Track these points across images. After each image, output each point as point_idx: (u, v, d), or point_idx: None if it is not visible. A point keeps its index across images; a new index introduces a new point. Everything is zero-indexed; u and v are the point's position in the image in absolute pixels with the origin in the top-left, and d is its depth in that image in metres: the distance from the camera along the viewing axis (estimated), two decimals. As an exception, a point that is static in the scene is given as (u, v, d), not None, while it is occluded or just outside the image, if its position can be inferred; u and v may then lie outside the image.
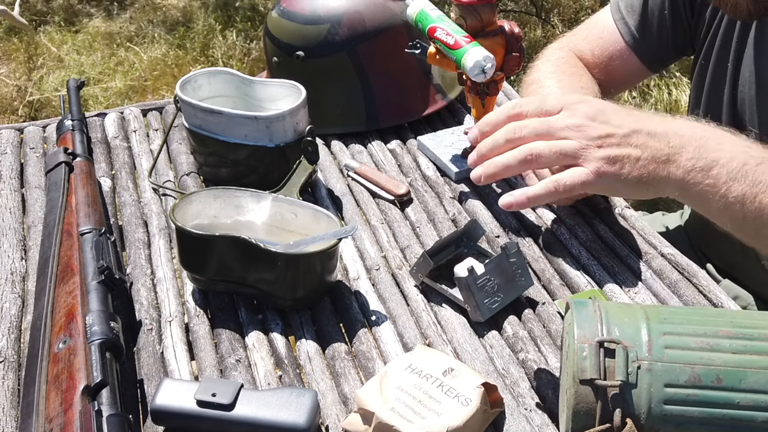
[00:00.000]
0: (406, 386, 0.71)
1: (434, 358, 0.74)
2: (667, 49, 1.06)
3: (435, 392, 0.70)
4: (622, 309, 0.63)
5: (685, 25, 1.02)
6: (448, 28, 0.98)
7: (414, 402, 0.69)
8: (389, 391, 0.70)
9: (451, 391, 0.69)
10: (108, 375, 0.68)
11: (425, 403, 0.69)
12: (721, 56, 0.97)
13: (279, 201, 0.90)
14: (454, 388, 0.70)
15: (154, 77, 3.02)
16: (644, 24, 1.04)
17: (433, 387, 0.70)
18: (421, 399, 0.69)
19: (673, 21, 1.02)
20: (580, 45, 1.10)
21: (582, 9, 3.35)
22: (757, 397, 0.57)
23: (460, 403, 0.68)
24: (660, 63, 1.10)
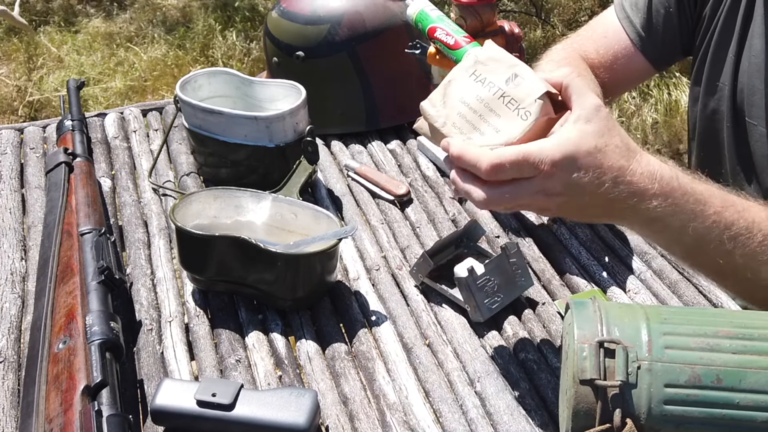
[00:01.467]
0: (468, 98, 0.69)
1: (500, 60, 0.70)
2: (673, 47, 1.06)
3: (496, 104, 0.68)
4: (622, 309, 0.63)
5: (690, 22, 1.02)
6: (448, 29, 0.98)
7: (475, 116, 0.68)
8: (452, 103, 0.70)
9: (512, 103, 0.67)
10: (108, 375, 0.68)
11: (486, 117, 0.68)
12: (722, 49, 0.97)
13: (279, 201, 0.90)
14: (515, 100, 0.67)
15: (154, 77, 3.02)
16: (649, 22, 1.04)
17: (494, 99, 0.68)
18: (482, 113, 0.68)
19: (679, 18, 1.02)
20: (585, 45, 1.10)
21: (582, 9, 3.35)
22: (757, 397, 0.57)
23: (519, 117, 0.67)
24: (665, 61, 1.10)
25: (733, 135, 0.98)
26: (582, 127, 0.65)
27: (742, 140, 0.97)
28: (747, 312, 0.70)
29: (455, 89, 0.70)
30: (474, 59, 0.70)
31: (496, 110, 0.68)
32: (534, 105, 0.66)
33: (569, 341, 0.63)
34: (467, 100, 0.69)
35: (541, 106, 0.66)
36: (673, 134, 2.69)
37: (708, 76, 1.00)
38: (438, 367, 0.80)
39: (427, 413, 0.75)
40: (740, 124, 0.96)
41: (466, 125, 0.69)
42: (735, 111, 0.97)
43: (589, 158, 0.64)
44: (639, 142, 2.68)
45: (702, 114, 1.03)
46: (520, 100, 0.67)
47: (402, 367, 0.80)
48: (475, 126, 0.68)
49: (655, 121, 2.74)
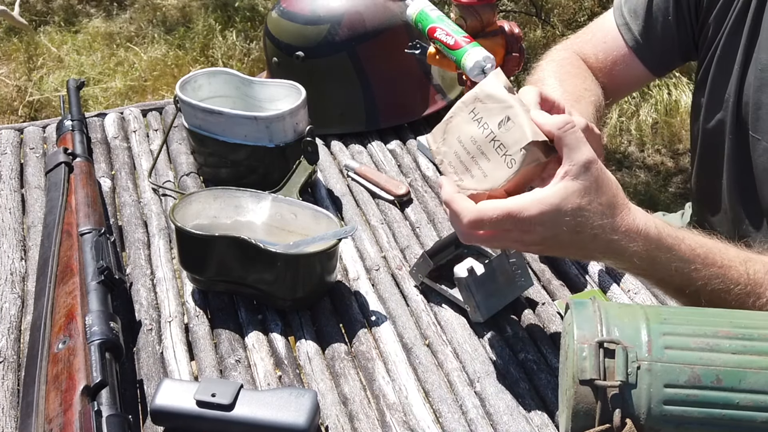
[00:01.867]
0: (464, 138, 0.72)
1: (497, 100, 0.70)
2: (672, 54, 1.06)
3: (487, 147, 0.70)
4: (622, 309, 0.63)
5: (689, 30, 1.02)
6: (448, 29, 0.98)
7: (468, 158, 0.71)
8: (450, 141, 0.73)
9: (501, 149, 0.69)
10: (108, 375, 0.68)
11: (477, 160, 0.71)
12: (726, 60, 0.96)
13: (279, 201, 0.90)
14: (504, 146, 0.69)
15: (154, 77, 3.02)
16: (648, 29, 1.04)
17: (486, 141, 0.70)
18: (474, 155, 0.71)
19: (677, 27, 1.02)
20: (584, 48, 1.10)
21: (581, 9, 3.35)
22: (756, 397, 0.57)
23: (506, 164, 0.69)
24: (664, 67, 1.10)
25: (735, 148, 0.98)
26: (566, 185, 0.66)
27: (743, 154, 0.97)
28: (747, 312, 0.70)
29: (454, 126, 0.73)
30: (474, 95, 0.72)
31: (486, 154, 0.70)
32: (519, 154, 0.67)
33: (569, 341, 0.63)
34: (463, 139, 0.72)
35: (524, 156, 0.67)
36: (673, 134, 2.69)
37: (712, 87, 1.00)
38: (438, 367, 0.80)
39: (426, 413, 0.75)
40: (743, 138, 0.96)
41: (460, 166, 0.72)
42: (738, 124, 0.96)
43: (568, 218, 0.66)
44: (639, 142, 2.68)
45: (705, 124, 1.03)
46: (508, 147, 0.68)
47: (402, 367, 0.80)
48: (467, 168, 0.71)
49: (655, 121, 2.74)
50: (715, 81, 0.99)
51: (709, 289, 0.71)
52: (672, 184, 2.50)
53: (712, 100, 1.00)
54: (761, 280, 0.72)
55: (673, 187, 2.48)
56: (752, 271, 0.72)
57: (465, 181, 0.71)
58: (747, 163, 0.96)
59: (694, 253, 0.71)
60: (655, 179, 2.51)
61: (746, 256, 0.74)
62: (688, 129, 2.68)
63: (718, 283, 0.71)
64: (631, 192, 2.40)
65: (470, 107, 0.72)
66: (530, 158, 0.67)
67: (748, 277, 0.72)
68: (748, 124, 0.94)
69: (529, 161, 0.67)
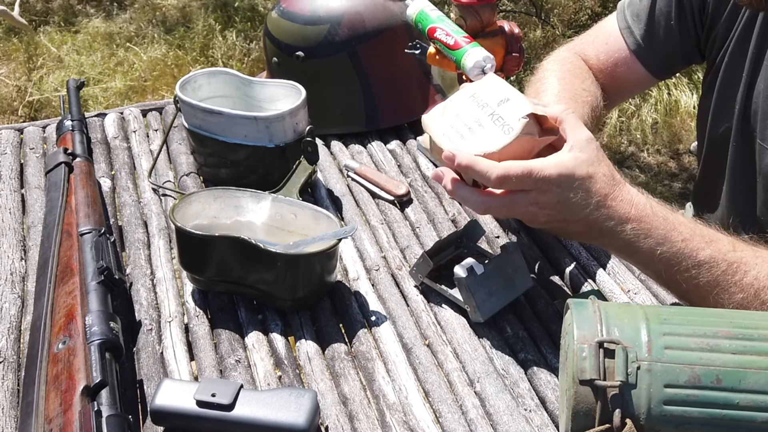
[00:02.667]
0: (462, 114, 0.75)
1: (499, 87, 0.76)
2: (674, 58, 1.06)
3: (485, 120, 0.73)
4: (622, 309, 0.63)
5: (693, 36, 1.02)
6: (448, 29, 0.98)
7: (464, 129, 0.74)
8: (448, 117, 0.76)
9: (499, 120, 0.72)
10: (107, 375, 0.68)
11: (473, 129, 0.73)
12: (734, 67, 0.97)
13: (279, 201, 0.90)
14: (502, 117, 0.72)
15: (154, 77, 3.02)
16: (650, 33, 1.04)
17: (484, 115, 0.73)
18: (471, 126, 0.74)
19: (680, 31, 1.02)
20: (587, 49, 1.11)
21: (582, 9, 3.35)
22: (756, 397, 0.57)
23: (503, 131, 0.72)
24: (666, 71, 1.11)
25: (739, 154, 0.98)
26: (576, 155, 0.73)
27: (748, 161, 0.97)
28: (747, 312, 0.70)
29: (454, 105, 0.76)
30: (476, 86, 0.76)
31: (484, 125, 0.73)
32: (517, 122, 0.72)
33: (569, 341, 0.63)
34: (462, 115, 0.75)
35: (524, 124, 0.71)
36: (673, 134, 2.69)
37: (719, 94, 1.00)
38: (438, 367, 0.80)
39: (426, 413, 0.75)
40: (748, 145, 0.96)
41: (455, 135, 0.75)
42: (745, 131, 0.96)
43: (580, 182, 0.72)
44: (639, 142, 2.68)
45: (711, 129, 1.03)
46: (506, 118, 0.72)
47: (402, 367, 0.80)
48: (462, 136, 0.74)
49: (655, 121, 2.74)
50: (723, 87, 0.99)
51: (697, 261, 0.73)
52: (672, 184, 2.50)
53: (719, 106, 1.00)
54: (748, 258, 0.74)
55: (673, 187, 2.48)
56: (740, 249, 0.75)
57: (459, 146, 0.74)
58: (750, 170, 0.97)
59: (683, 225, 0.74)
60: (654, 179, 2.51)
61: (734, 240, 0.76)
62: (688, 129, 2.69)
63: (705, 257, 0.73)
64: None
65: (471, 91, 0.76)
66: (527, 128, 0.71)
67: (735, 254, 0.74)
68: (756, 132, 0.94)
69: (526, 131, 0.71)
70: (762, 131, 0.94)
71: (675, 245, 0.73)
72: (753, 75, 0.94)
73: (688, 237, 0.73)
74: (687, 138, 2.68)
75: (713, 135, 1.03)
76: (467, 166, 0.73)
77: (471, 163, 0.72)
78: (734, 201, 1.02)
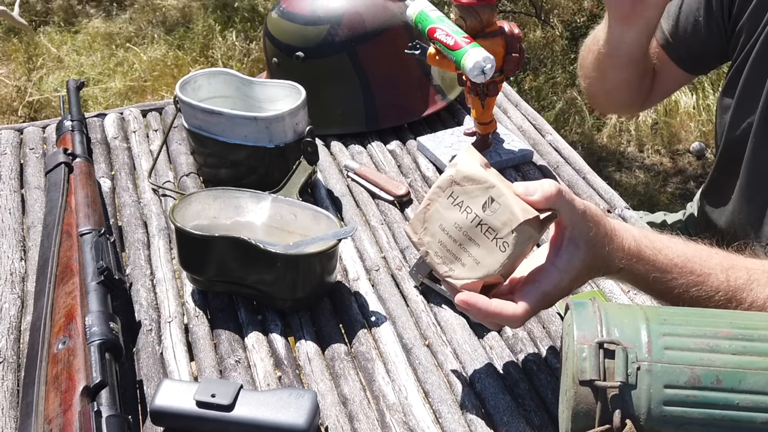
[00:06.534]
0: (447, 226, 0.69)
1: (475, 180, 0.68)
2: (704, 54, 1.07)
3: (474, 232, 0.68)
4: (622, 310, 0.63)
5: (722, 31, 1.02)
6: (448, 29, 0.98)
7: (455, 246, 0.68)
8: (432, 230, 0.70)
9: (490, 233, 0.67)
10: (107, 376, 0.68)
11: (466, 247, 0.68)
12: (760, 63, 0.96)
13: (279, 202, 0.90)
14: (493, 229, 0.67)
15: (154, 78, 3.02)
16: (678, 28, 1.05)
17: (472, 227, 0.68)
18: (461, 242, 0.68)
19: (708, 27, 1.02)
20: None
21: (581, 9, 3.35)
22: (756, 398, 0.57)
23: (498, 248, 0.67)
24: (700, 67, 1.11)
25: (758, 151, 0.98)
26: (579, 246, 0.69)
27: (766, 158, 0.97)
28: (747, 313, 0.70)
29: (434, 214, 0.70)
30: (450, 178, 0.69)
31: (475, 239, 0.68)
32: (511, 237, 0.66)
33: (569, 342, 0.63)
34: (446, 227, 0.69)
35: (517, 238, 0.66)
36: (673, 134, 2.69)
37: (743, 90, 1.00)
38: (437, 367, 0.80)
39: (426, 414, 0.75)
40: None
41: (448, 255, 0.69)
42: (766, 129, 0.96)
43: (590, 264, 0.70)
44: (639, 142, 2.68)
45: (731, 125, 1.03)
46: (498, 230, 0.67)
47: (401, 367, 0.80)
48: (456, 257, 0.69)
49: (655, 121, 2.74)
50: (747, 84, 0.99)
51: (688, 297, 0.72)
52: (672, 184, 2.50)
53: (742, 103, 1.00)
54: (743, 286, 0.73)
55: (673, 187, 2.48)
56: (733, 278, 0.73)
57: (456, 271, 0.69)
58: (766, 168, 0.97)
59: (672, 263, 0.72)
60: (654, 179, 2.51)
61: (730, 264, 0.74)
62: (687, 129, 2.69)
63: (696, 291, 0.72)
64: (630, 192, 2.40)
65: (447, 192, 0.69)
66: (522, 238, 0.66)
67: (728, 285, 0.73)
68: None
69: (522, 241, 0.66)
70: None
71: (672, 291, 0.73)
72: None
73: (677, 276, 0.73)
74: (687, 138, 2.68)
75: (732, 131, 1.03)
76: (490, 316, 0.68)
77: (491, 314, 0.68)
78: (747, 197, 1.02)
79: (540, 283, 0.69)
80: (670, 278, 0.72)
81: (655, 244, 0.73)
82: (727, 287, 0.73)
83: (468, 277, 0.68)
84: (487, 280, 0.68)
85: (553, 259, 0.69)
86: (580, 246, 0.68)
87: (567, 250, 0.69)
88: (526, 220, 0.66)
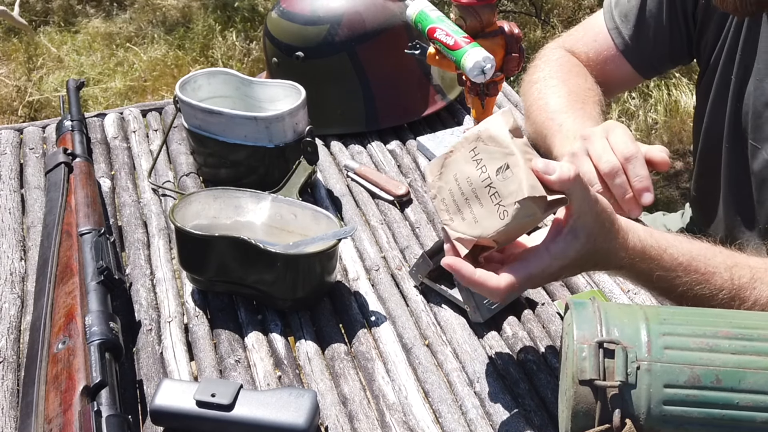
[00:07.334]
0: (460, 177, 0.69)
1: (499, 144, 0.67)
2: (663, 59, 1.08)
3: (482, 192, 0.67)
4: (622, 309, 0.63)
5: (684, 37, 1.03)
6: (448, 29, 0.98)
7: (461, 199, 0.69)
8: (447, 177, 0.70)
9: (495, 197, 0.66)
10: (107, 375, 0.68)
11: (470, 202, 0.68)
12: (725, 69, 0.97)
13: (278, 201, 0.90)
14: (499, 194, 0.66)
15: (154, 78, 3.02)
16: (639, 34, 1.05)
17: (482, 186, 0.67)
18: (468, 197, 0.68)
19: (671, 33, 1.03)
20: (576, 46, 1.11)
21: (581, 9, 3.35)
22: (756, 397, 0.57)
23: (498, 214, 0.66)
24: (654, 71, 1.12)
25: (733, 155, 0.99)
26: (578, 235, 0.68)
27: (741, 161, 0.97)
28: (746, 312, 0.70)
29: (453, 162, 0.70)
30: (477, 133, 0.68)
31: (480, 198, 0.68)
32: (512, 207, 0.65)
33: (569, 342, 0.63)
34: (460, 179, 0.69)
35: (517, 211, 0.65)
36: (673, 134, 2.69)
37: (714, 95, 1.00)
38: (437, 367, 0.80)
39: (426, 413, 0.75)
40: (741, 146, 0.96)
41: (453, 205, 0.69)
42: (737, 132, 0.97)
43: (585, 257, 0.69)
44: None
45: (706, 130, 1.03)
46: (503, 197, 0.66)
47: (401, 367, 0.80)
48: (459, 209, 0.69)
49: (655, 121, 2.74)
50: (717, 88, 0.99)
51: (692, 295, 0.72)
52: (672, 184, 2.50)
53: (714, 107, 1.01)
54: (746, 284, 0.73)
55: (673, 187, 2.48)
56: (737, 276, 0.73)
57: (455, 222, 0.69)
58: (745, 171, 0.97)
59: (676, 261, 0.72)
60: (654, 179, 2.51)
61: (733, 262, 0.74)
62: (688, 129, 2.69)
63: (700, 289, 0.72)
64: (630, 192, 2.40)
65: (471, 145, 0.69)
66: (524, 213, 0.65)
67: (732, 284, 0.73)
68: (748, 132, 0.94)
69: (523, 216, 0.66)
70: (753, 131, 0.94)
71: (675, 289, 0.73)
72: (744, 76, 0.94)
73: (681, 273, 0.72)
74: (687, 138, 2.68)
75: (708, 136, 1.03)
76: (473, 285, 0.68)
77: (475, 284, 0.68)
78: (731, 202, 1.02)
79: (528, 264, 0.68)
80: (674, 276, 0.72)
81: (660, 243, 0.72)
82: (731, 286, 0.73)
83: (463, 233, 0.68)
84: (480, 241, 0.68)
85: (548, 244, 0.68)
86: (580, 237, 0.67)
87: (565, 239, 0.68)
88: (531, 197, 0.65)
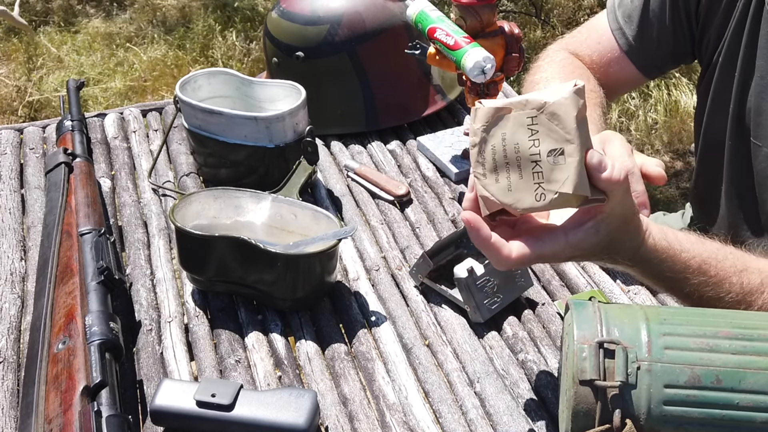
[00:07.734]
0: (509, 139, 0.63)
1: (564, 125, 0.62)
2: (665, 59, 1.07)
3: (526, 164, 0.63)
4: (622, 310, 0.63)
5: (687, 37, 1.03)
6: (448, 29, 0.98)
7: (502, 161, 0.64)
8: (494, 132, 0.64)
9: (538, 176, 0.63)
10: (107, 375, 0.68)
11: (510, 168, 0.63)
12: (727, 68, 0.97)
13: (279, 201, 0.90)
14: (543, 175, 0.62)
15: (154, 78, 3.02)
16: (643, 35, 1.05)
17: (528, 158, 0.63)
18: (510, 162, 0.63)
19: (674, 33, 1.03)
20: (579, 48, 1.11)
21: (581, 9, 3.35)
22: (756, 397, 0.57)
23: (534, 194, 0.62)
24: (657, 70, 1.12)
25: (735, 153, 0.98)
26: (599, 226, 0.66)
27: (743, 160, 0.97)
28: (747, 313, 0.70)
29: (505, 122, 0.64)
30: (543, 103, 0.63)
31: (522, 170, 0.63)
32: (551, 194, 0.62)
33: (569, 342, 0.63)
34: (507, 141, 0.64)
35: (555, 200, 0.63)
36: (673, 134, 2.69)
37: (715, 94, 1.00)
38: (437, 367, 0.80)
39: (426, 413, 0.75)
40: (743, 144, 0.96)
41: (491, 163, 0.64)
42: (739, 130, 0.97)
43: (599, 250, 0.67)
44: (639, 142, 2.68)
45: (707, 129, 1.03)
46: (546, 180, 0.63)
47: (401, 367, 0.80)
48: (496, 169, 0.64)
49: (655, 121, 2.74)
50: (717, 87, 0.99)
51: (698, 296, 0.72)
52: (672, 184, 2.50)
53: (714, 106, 1.01)
54: (754, 289, 0.73)
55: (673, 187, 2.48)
56: (746, 281, 0.73)
57: (487, 180, 0.65)
58: (747, 169, 0.97)
59: (686, 264, 0.71)
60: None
61: (744, 266, 0.74)
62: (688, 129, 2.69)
63: (708, 291, 0.72)
64: (630, 192, 2.40)
65: (532, 113, 0.63)
66: (560, 203, 0.63)
67: (741, 288, 0.73)
68: (750, 131, 0.94)
69: (558, 204, 0.63)
70: (755, 129, 0.94)
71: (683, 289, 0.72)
72: (746, 74, 0.94)
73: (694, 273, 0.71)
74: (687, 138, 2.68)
75: (709, 135, 1.03)
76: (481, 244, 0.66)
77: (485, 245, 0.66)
78: (734, 201, 1.02)
79: (543, 243, 0.66)
80: (683, 278, 0.71)
81: (673, 245, 0.71)
82: (740, 290, 0.72)
83: (493, 194, 0.64)
84: (507, 208, 0.65)
85: (567, 230, 0.66)
86: (601, 233, 0.66)
87: (587, 231, 0.66)
88: (575, 194, 0.62)
